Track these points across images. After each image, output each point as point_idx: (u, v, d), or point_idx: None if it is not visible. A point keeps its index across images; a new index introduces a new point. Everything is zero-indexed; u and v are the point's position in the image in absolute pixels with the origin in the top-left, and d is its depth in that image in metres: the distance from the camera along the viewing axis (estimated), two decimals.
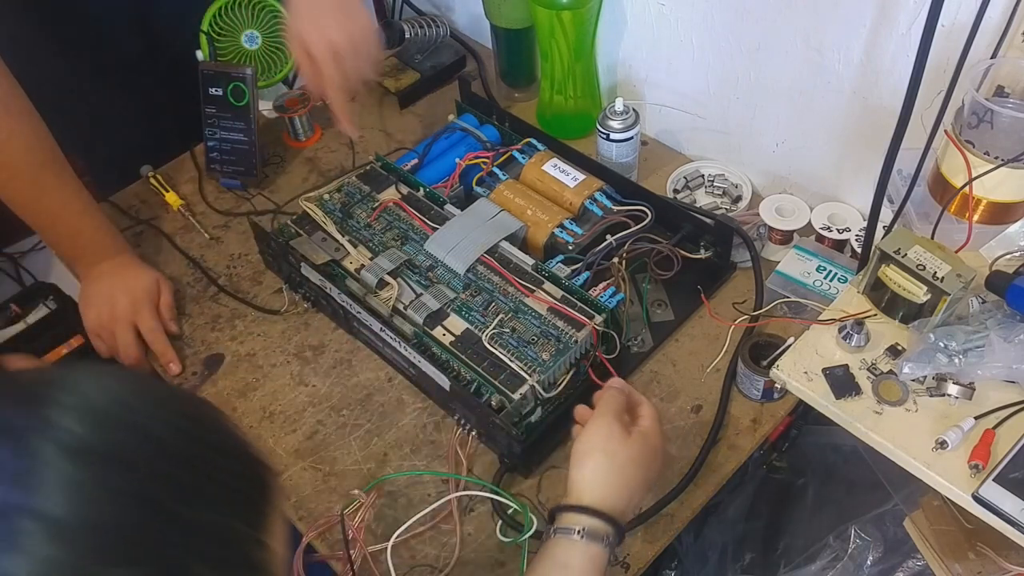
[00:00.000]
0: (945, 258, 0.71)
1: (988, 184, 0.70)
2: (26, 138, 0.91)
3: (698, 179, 1.07)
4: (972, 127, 0.70)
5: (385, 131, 1.19)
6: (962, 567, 0.82)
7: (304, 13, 0.91)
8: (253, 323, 0.98)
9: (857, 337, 0.73)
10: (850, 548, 0.95)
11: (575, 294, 0.86)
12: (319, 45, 0.90)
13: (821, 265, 0.91)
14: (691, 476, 0.80)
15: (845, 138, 0.93)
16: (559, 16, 1.02)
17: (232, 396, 0.92)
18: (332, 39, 0.90)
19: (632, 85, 1.13)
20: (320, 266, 0.92)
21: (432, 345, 0.84)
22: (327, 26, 0.90)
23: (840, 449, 1.03)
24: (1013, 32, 0.70)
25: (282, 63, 1.14)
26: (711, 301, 0.94)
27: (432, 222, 0.94)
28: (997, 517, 0.62)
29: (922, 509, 0.88)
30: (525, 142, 1.05)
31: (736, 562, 1.04)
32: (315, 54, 0.90)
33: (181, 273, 1.04)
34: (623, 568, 0.76)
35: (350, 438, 0.87)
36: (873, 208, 0.73)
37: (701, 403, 0.87)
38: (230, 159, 1.12)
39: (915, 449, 0.67)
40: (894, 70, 0.83)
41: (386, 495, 0.82)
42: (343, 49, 0.90)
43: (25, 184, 0.91)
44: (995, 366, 0.68)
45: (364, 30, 0.92)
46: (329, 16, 0.90)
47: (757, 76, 0.97)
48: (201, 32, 1.08)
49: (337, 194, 0.99)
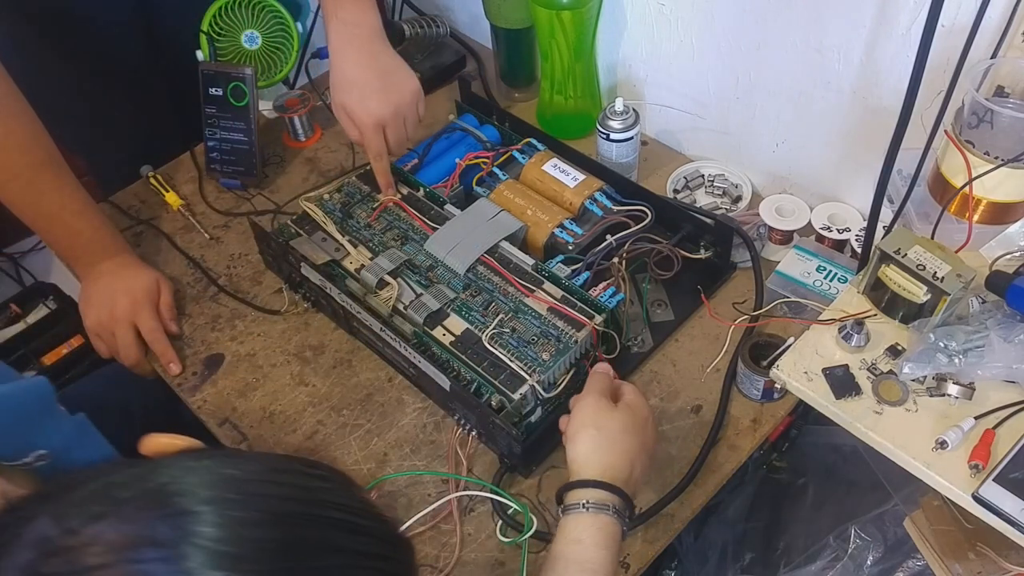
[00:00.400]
0: (945, 258, 0.71)
1: (988, 184, 0.70)
2: (23, 139, 0.91)
3: (698, 179, 1.07)
4: (972, 127, 0.70)
5: None
6: (962, 567, 0.82)
7: (349, 90, 0.92)
8: (253, 323, 0.98)
9: (857, 337, 0.73)
10: (850, 548, 0.95)
11: (575, 294, 0.86)
12: (365, 122, 0.92)
13: (821, 265, 0.91)
14: (691, 476, 0.80)
15: (845, 138, 0.93)
16: (559, 16, 1.02)
17: (232, 396, 0.92)
18: (377, 116, 0.92)
19: (632, 85, 1.13)
20: (320, 266, 0.92)
21: (432, 345, 0.84)
22: (372, 104, 0.92)
23: (840, 449, 1.03)
24: (1013, 32, 0.70)
25: (282, 63, 1.14)
26: (711, 301, 0.94)
27: (432, 222, 0.94)
28: (997, 517, 0.62)
29: (922, 509, 0.88)
30: (525, 142, 1.05)
31: (736, 562, 1.04)
32: (360, 129, 0.93)
33: (181, 273, 1.04)
34: (623, 568, 0.76)
35: (350, 438, 0.87)
36: (873, 208, 0.73)
37: (701, 403, 0.87)
38: (230, 159, 1.12)
39: (915, 449, 0.67)
40: (894, 70, 0.83)
41: (386, 495, 0.82)
42: (388, 121, 0.93)
43: (23, 185, 0.91)
44: (995, 366, 0.68)
45: (409, 100, 0.94)
46: (374, 95, 0.91)
47: (757, 76, 0.97)
48: (201, 32, 1.08)
49: (337, 194, 0.99)
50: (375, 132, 0.93)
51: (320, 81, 1.25)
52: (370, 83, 0.91)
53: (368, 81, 0.91)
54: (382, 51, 0.93)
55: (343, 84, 0.92)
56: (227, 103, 1.09)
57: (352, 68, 0.91)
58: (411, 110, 0.95)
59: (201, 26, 1.08)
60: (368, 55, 0.92)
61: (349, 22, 0.90)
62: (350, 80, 0.92)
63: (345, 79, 0.92)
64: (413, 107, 0.95)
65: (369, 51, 0.92)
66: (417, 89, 0.95)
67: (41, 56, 1.12)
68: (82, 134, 1.24)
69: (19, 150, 0.90)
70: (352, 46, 0.91)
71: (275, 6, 1.10)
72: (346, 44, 0.91)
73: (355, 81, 0.91)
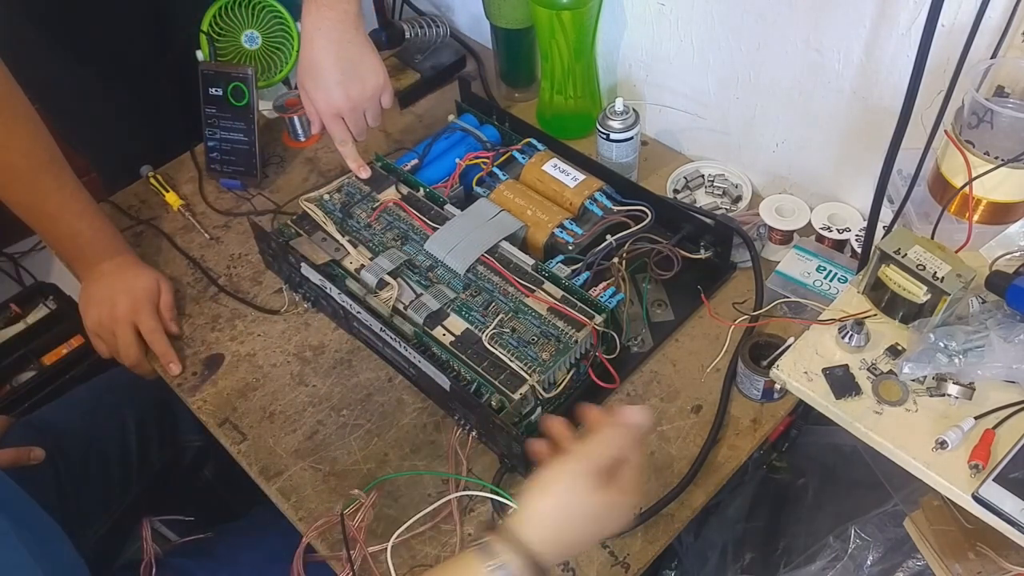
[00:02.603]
0: (945, 258, 0.71)
1: (988, 184, 0.70)
2: (24, 140, 0.91)
3: (698, 179, 1.07)
4: (972, 127, 0.70)
5: (385, 131, 1.19)
6: (962, 567, 0.82)
7: (311, 76, 0.93)
8: (253, 323, 0.98)
9: (857, 337, 0.73)
10: (850, 548, 0.95)
11: (575, 294, 0.86)
12: (323, 110, 0.95)
13: (821, 265, 0.91)
14: (691, 476, 0.80)
15: (845, 138, 0.93)
16: (559, 16, 1.02)
17: (232, 396, 0.92)
18: (336, 106, 0.94)
19: (632, 85, 1.13)
20: (320, 266, 0.92)
21: (432, 345, 0.84)
22: (333, 95, 0.93)
23: (840, 449, 1.03)
24: (1013, 32, 0.70)
25: (282, 63, 1.14)
26: (711, 301, 0.94)
27: (432, 222, 0.94)
28: (997, 517, 0.62)
29: (922, 509, 0.88)
30: (525, 142, 1.05)
31: (736, 562, 1.04)
32: (320, 115, 0.96)
33: (181, 273, 1.04)
34: (623, 568, 0.76)
35: (350, 438, 0.87)
36: (873, 208, 0.73)
37: (701, 403, 0.87)
38: (230, 159, 1.12)
39: (915, 449, 0.67)
40: (894, 70, 0.83)
41: (386, 495, 0.82)
42: (346, 112, 0.95)
43: (24, 186, 0.92)
44: (995, 366, 0.67)
45: (370, 94, 0.95)
46: (335, 86, 0.93)
47: (757, 76, 0.97)
48: (201, 32, 1.08)
49: (337, 194, 0.99)
50: (333, 120, 0.95)
51: None
52: (331, 73, 0.92)
53: (330, 70, 0.91)
54: (352, 40, 0.92)
55: (307, 68, 0.93)
56: (227, 103, 1.09)
57: (318, 54, 0.91)
58: (372, 103, 0.96)
59: (201, 26, 1.08)
60: (336, 43, 0.91)
61: (324, 5, 0.89)
62: (314, 65, 0.92)
63: (310, 64, 0.92)
64: (375, 100, 0.96)
65: (338, 39, 0.91)
66: (381, 83, 0.96)
67: (44, 56, 1.12)
68: (87, 133, 1.24)
69: (20, 151, 0.90)
70: (321, 31, 0.90)
71: (275, 6, 1.10)
72: (316, 28, 0.90)
73: (318, 68, 0.92)
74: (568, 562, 0.76)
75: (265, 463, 0.86)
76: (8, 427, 0.97)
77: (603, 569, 0.76)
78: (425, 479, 0.83)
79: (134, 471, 1.04)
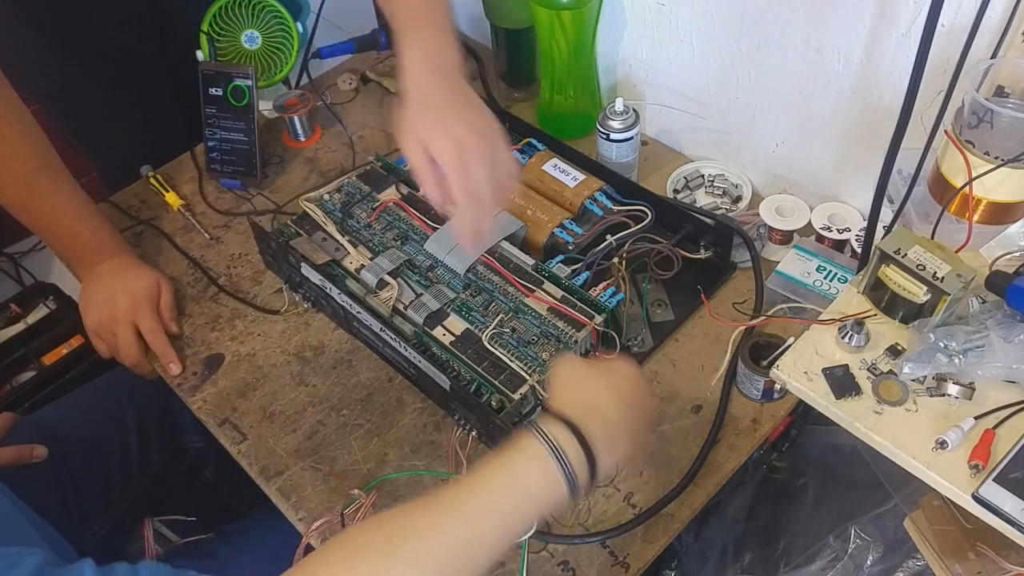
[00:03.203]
0: (945, 258, 0.71)
1: (988, 184, 0.70)
2: (19, 144, 0.91)
3: (698, 179, 1.07)
4: (972, 127, 0.70)
5: (385, 131, 1.19)
6: (962, 567, 0.82)
7: (419, 109, 0.75)
8: (253, 323, 0.98)
9: (857, 337, 0.73)
10: (850, 548, 0.95)
11: (575, 294, 0.86)
12: (442, 143, 0.73)
13: (821, 265, 0.91)
14: (691, 476, 0.80)
15: (845, 138, 0.93)
16: (559, 16, 1.02)
17: (232, 396, 0.92)
18: (458, 136, 0.73)
19: (632, 85, 1.13)
20: (320, 266, 0.92)
21: (432, 345, 0.84)
22: (450, 122, 0.74)
23: (840, 449, 1.03)
24: (1013, 32, 0.70)
25: (282, 63, 1.14)
26: (711, 301, 0.94)
27: (432, 222, 0.94)
28: (997, 517, 0.62)
29: (922, 509, 0.88)
30: (525, 142, 1.05)
31: (736, 562, 1.04)
32: (438, 154, 0.73)
33: (181, 273, 1.04)
34: (623, 568, 0.76)
35: (350, 438, 0.87)
36: (873, 208, 0.73)
37: (701, 403, 0.87)
38: (230, 159, 1.12)
39: (915, 449, 0.67)
40: (894, 70, 0.83)
41: (386, 495, 0.82)
42: (471, 146, 0.73)
43: (20, 189, 0.92)
44: (995, 366, 0.67)
45: (493, 125, 0.76)
46: (451, 111, 0.74)
47: (757, 76, 0.97)
48: (201, 32, 1.08)
49: (337, 194, 0.99)
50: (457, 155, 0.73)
51: (320, 81, 1.26)
52: (456, 107, 0.75)
53: (454, 105, 0.75)
54: (463, 83, 0.78)
55: (413, 106, 0.75)
56: (227, 103, 1.09)
57: (435, 92, 0.75)
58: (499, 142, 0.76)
59: (201, 26, 1.08)
60: (451, 81, 0.77)
61: (432, 51, 0.77)
62: (432, 104, 0.75)
63: (426, 103, 0.75)
64: (500, 139, 0.77)
65: (452, 77, 0.77)
66: (500, 126, 0.77)
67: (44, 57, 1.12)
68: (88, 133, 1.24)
69: (15, 155, 0.90)
70: (436, 72, 0.76)
71: (275, 6, 1.10)
72: (428, 70, 0.76)
73: (439, 105, 0.75)
74: (568, 561, 0.76)
75: (265, 463, 0.86)
76: (12, 424, 0.97)
77: (603, 569, 0.76)
78: (425, 479, 0.83)
79: (135, 472, 1.04)
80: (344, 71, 1.28)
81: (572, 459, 0.60)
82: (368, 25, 1.21)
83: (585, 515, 0.79)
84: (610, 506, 0.80)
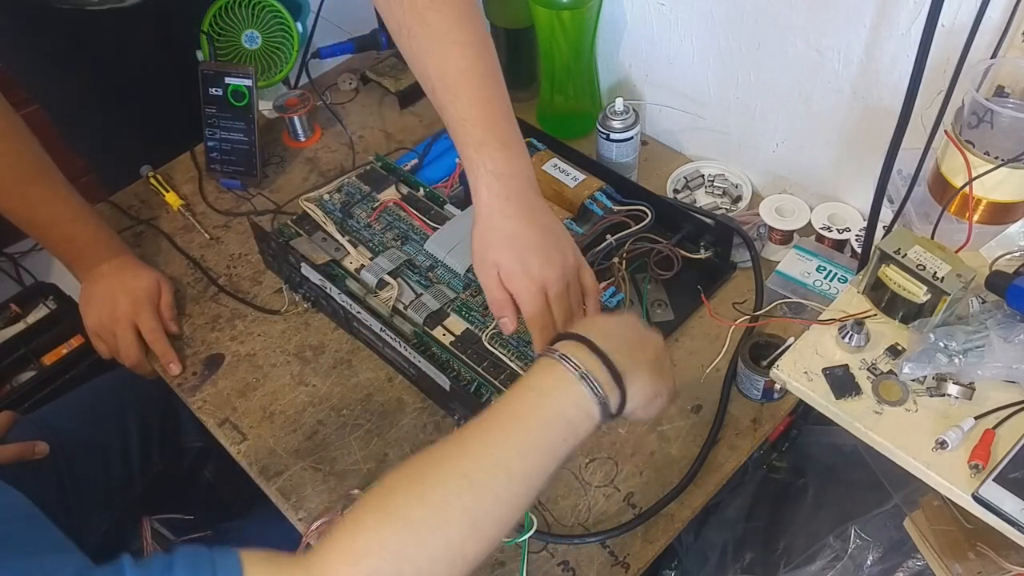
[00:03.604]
0: (945, 258, 0.71)
1: (988, 184, 0.70)
2: (10, 151, 0.90)
3: (698, 179, 1.07)
4: (972, 127, 0.70)
5: (385, 131, 1.20)
6: (962, 567, 0.82)
7: (507, 246, 0.75)
8: (253, 323, 0.98)
9: (857, 337, 0.73)
10: (850, 548, 0.95)
11: None
12: (528, 293, 0.74)
13: (821, 265, 0.91)
14: (691, 476, 0.80)
15: (845, 138, 0.93)
16: (559, 16, 1.02)
17: (232, 396, 0.92)
18: (542, 277, 0.74)
19: (632, 85, 1.13)
20: (320, 266, 0.92)
21: (432, 345, 0.84)
22: (536, 268, 0.74)
23: (840, 449, 1.03)
24: (1013, 32, 0.70)
25: (282, 63, 1.14)
26: (711, 301, 0.94)
27: (432, 222, 0.94)
28: (997, 517, 0.62)
29: (922, 509, 0.88)
30: (525, 142, 1.04)
31: (736, 562, 1.04)
32: (523, 304, 0.75)
33: (181, 273, 1.04)
34: (623, 568, 0.76)
35: (350, 438, 0.87)
36: (873, 208, 0.73)
37: (701, 403, 0.87)
38: (230, 159, 1.12)
39: (915, 449, 0.67)
40: (894, 70, 0.83)
41: None
42: (556, 294, 0.75)
43: (14, 197, 0.92)
44: (995, 366, 0.67)
45: (573, 262, 0.78)
46: (537, 252, 0.74)
47: (757, 76, 0.97)
48: (201, 32, 1.08)
49: (337, 194, 0.99)
50: (540, 300, 0.75)
51: (320, 81, 1.26)
52: (532, 239, 0.74)
53: (529, 237, 0.74)
54: (539, 206, 0.77)
55: (498, 240, 0.75)
56: (227, 103, 1.09)
57: (511, 223, 0.75)
58: (574, 276, 0.78)
59: (201, 26, 1.08)
60: (527, 210, 0.75)
61: (504, 174, 0.74)
62: (507, 235, 0.74)
63: (501, 235, 0.75)
64: (576, 273, 0.78)
65: (528, 206, 0.75)
66: (580, 254, 0.79)
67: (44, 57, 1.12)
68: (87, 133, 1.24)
69: (7, 166, 0.90)
70: (510, 201, 0.75)
71: (275, 6, 1.10)
72: (501, 198, 0.74)
73: (515, 236, 0.74)
74: (568, 561, 0.77)
75: (265, 463, 0.86)
76: (13, 422, 0.97)
77: (603, 569, 0.76)
78: None
79: (135, 472, 1.04)
80: (344, 71, 1.28)
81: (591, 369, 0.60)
82: (368, 25, 1.21)
83: (585, 515, 0.79)
84: (610, 506, 0.80)
